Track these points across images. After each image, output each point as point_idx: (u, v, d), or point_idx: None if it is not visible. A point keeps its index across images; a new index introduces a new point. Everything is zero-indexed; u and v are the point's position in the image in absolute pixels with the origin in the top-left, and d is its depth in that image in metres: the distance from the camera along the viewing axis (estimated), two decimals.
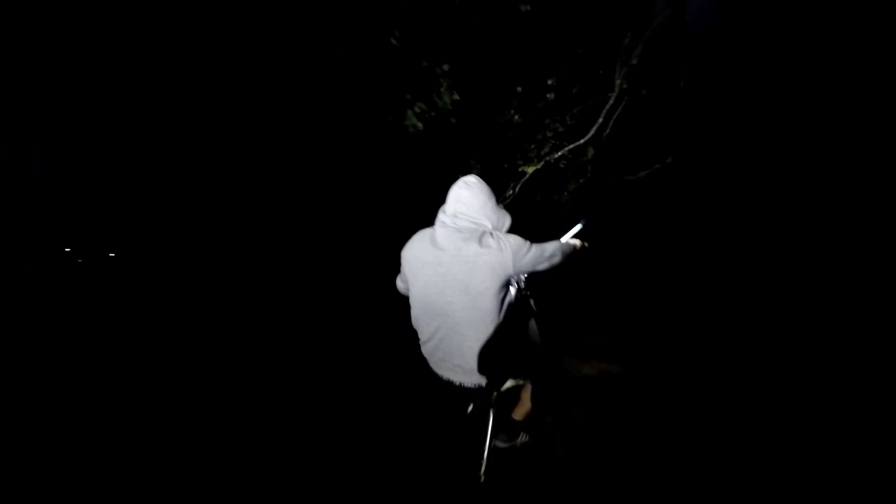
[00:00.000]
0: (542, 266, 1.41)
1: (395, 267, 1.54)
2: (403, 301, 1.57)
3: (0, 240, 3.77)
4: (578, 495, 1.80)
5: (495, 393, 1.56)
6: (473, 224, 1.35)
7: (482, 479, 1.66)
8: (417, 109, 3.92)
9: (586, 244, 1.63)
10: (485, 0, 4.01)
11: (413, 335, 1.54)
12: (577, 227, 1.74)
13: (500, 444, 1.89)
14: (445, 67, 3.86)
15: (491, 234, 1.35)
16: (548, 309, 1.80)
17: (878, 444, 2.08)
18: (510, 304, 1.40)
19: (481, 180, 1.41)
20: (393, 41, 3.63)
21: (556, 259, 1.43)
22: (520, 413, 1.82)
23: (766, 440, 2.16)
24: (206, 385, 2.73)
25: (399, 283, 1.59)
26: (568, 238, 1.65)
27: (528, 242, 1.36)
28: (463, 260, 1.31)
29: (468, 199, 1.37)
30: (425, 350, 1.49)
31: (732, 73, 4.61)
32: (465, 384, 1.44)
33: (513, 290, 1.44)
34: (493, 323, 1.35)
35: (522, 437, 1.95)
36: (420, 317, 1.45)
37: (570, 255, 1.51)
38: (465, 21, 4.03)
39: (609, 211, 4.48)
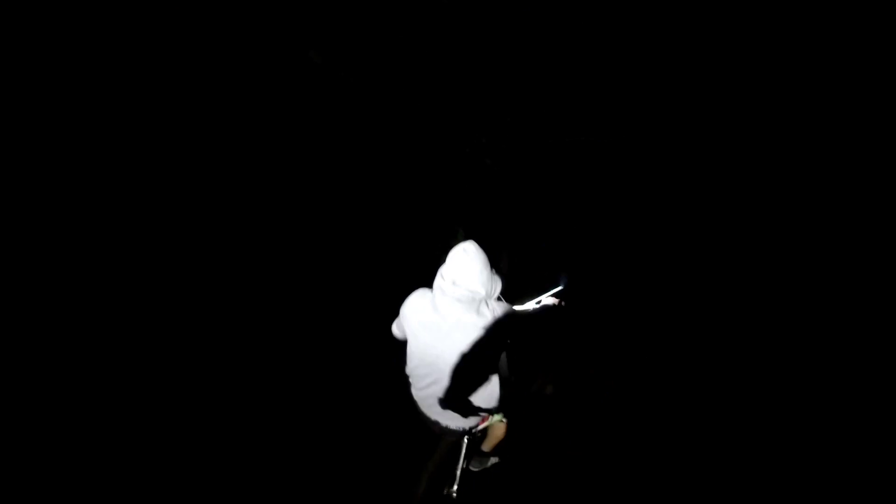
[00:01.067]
0: (524, 328, 1.63)
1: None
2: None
3: None
4: None
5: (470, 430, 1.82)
6: (469, 292, 1.44)
7: (454, 495, 1.89)
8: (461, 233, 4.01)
9: (563, 303, 1.85)
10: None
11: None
12: (558, 288, 1.88)
13: (474, 469, 2.21)
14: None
15: (486, 302, 1.51)
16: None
17: None
18: (498, 362, 1.62)
19: (478, 247, 1.51)
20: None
21: (534, 323, 1.71)
22: (488, 446, 2.09)
23: None
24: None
25: (395, 330, 1.73)
26: (546, 299, 1.85)
27: (514, 309, 1.57)
28: (461, 329, 1.47)
29: (466, 267, 1.45)
30: (417, 395, 1.71)
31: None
32: (451, 427, 1.71)
33: (503, 350, 1.65)
34: (482, 380, 1.58)
35: (493, 460, 2.26)
36: (416, 370, 1.62)
37: (547, 317, 1.76)
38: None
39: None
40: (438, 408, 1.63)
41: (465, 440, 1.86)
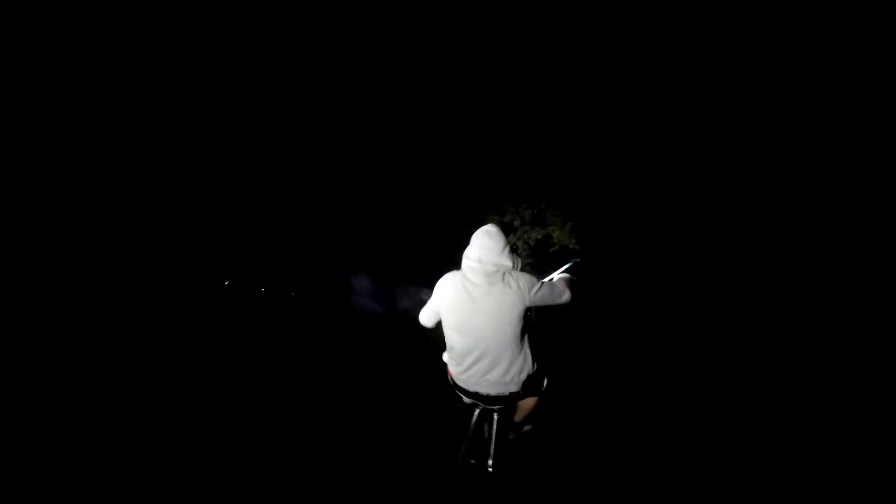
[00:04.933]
0: (555, 301, 1.74)
1: None
2: None
3: None
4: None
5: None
6: (494, 267, 1.67)
7: (491, 469, 1.96)
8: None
9: (574, 279, 1.98)
10: None
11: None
12: (569, 265, 2.05)
13: (511, 436, 2.25)
14: None
15: (511, 274, 1.70)
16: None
17: None
18: (527, 331, 1.77)
19: (499, 229, 1.73)
20: None
21: (567, 296, 1.77)
22: (520, 417, 2.19)
23: None
24: None
25: (424, 320, 1.88)
26: (562, 273, 2.01)
27: (539, 281, 1.72)
28: (492, 298, 1.66)
29: (491, 246, 1.68)
30: (458, 371, 1.80)
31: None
32: (491, 393, 1.79)
33: (530, 319, 1.77)
34: (516, 346, 1.72)
35: (526, 427, 2.33)
36: (456, 346, 1.76)
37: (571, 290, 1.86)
38: None
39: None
40: (479, 378, 1.75)
41: (496, 416, 1.95)
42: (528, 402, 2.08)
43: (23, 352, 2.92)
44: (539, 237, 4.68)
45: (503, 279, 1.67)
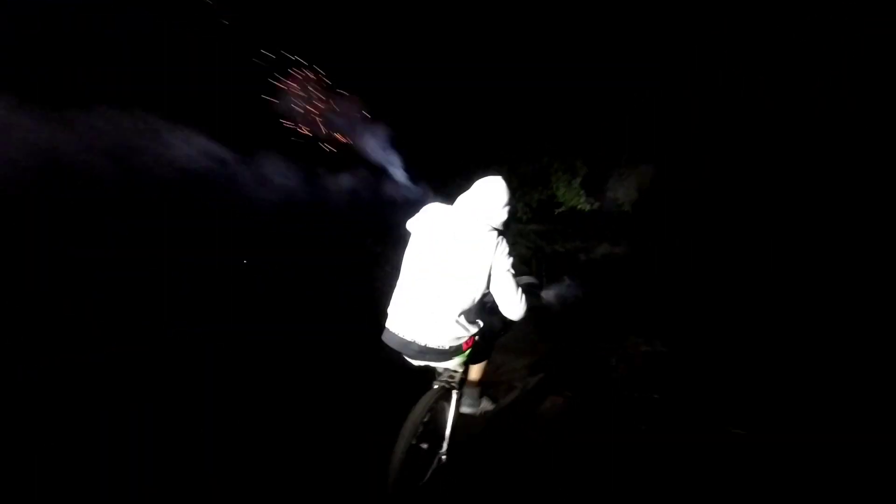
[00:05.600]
0: (508, 296, 1.62)
1: None
2: None
3: None
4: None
5: (458, 373, 1.80)
6: (486, 218, 1.60)
7: (444, 458, 1.84)
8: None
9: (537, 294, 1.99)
10: None
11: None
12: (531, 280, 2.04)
13: (466, 411, 2.10)
14: None
15: (497, 232, 1.62)
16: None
17: None
18: (483, 298, 1.66)
19: (504, 182, 1.63)
20: None
21: (519, 308, 1.65)
22: (475, 375, 2.04)
23: None
24: None
25: (410, 225, 1.79)
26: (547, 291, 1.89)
27: (512, 261, 1.60)
28: (467, 240, 1.58)
29: (492, 196, 1.60)
30: (400, 311, 1.67)
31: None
32: (430, 345, 1.65)
33: (489, 293, 1.67)
34: (468, 298, 1.60)
35: (485, 404, 2.17)
36: (409, 279, 1.66)
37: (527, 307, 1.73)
38: None
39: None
40: (420, 321, 1.63)
41: (455, 395, 1.82)
42: (475, 373, 1.98)
43: (23, 352, 2.91)
44: (542, 198, 4.16)
45: (487, 233, 1.59)
